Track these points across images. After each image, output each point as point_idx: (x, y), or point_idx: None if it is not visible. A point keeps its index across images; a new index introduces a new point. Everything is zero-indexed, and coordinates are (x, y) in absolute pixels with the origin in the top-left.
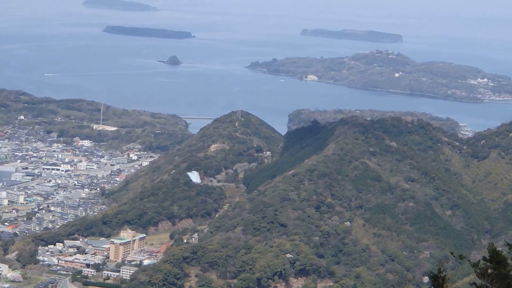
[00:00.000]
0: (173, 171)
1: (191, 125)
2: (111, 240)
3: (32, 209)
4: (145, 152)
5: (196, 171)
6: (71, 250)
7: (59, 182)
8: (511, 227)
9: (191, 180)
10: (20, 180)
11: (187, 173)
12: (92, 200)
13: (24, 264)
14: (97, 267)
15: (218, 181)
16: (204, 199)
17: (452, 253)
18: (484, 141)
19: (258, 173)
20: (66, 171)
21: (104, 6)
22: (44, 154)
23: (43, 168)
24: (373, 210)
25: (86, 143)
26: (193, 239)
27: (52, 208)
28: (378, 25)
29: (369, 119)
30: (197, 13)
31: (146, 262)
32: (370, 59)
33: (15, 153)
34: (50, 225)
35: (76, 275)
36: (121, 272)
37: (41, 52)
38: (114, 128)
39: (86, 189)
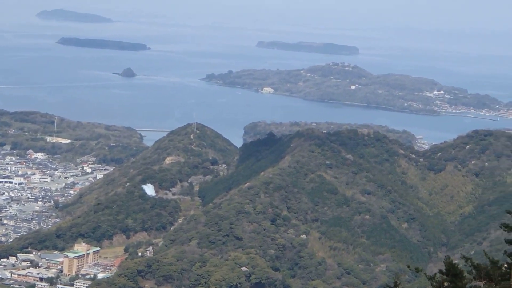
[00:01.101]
0: (128, 184)
1: (146, 138)
2: (65, 253)
3: None
4: (100, 165)
5: (151, 184)
6: (24, 263)
7: (12, 195)
8: (468, 240)
9: (146, 193)
10: None
11: (142, 186)
12: (46, 213)
13: None
14: (51, 281)
15: (173, 194)
16: (159, 212)
17: (408, 266)
18: (440, 153)
19: (213, 186)
20: (20, 184)
21: (58, 17)
22: None
23: None
24: (329, 223)
25: (40, 155)
26: (148, 252)
27: (5, 221)
28: (335, 37)
29: (325, 131)
30: (152, 25)
31: (100, 275)
32: (326, 71)
33: None
34: (3, 239)
35: None
36: (75, 286)
37: None
38: (68, 141)
39: (40, 202)
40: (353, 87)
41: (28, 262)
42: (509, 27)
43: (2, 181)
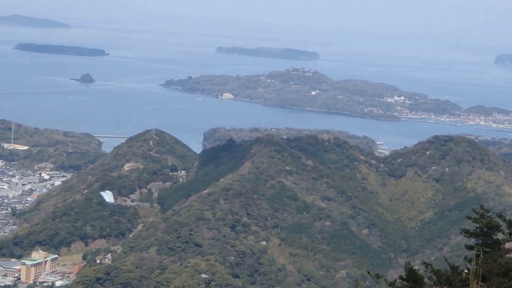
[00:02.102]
0: (86, 190)
1: (105, 144)
2: (22, 261)
3: None
4: (58, 172)
5: (110, 190)
6: None
7: None
8: (428, 245)
9: (104, 200)
10: None
11: (101, 192)
12: (3, 221)
13: None
14: None
15: (132, 201)
16: (117, 219)
17: (368, 272)
18: (401, 159)
19: (172, 193)
20: None
21: (15, 23)
22: None
23: None
24: (289, 229)
25: None
26: (107, 259)
27: None
28: (294, 42)
29: (285, 137)
30: (111, 30)
31: (58, 283)
32: (286, 77)
33: None
34: None
35: None
36: None
37: None
38: (26, 147)
39: None
40: (313, 92)
41: None
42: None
43: None
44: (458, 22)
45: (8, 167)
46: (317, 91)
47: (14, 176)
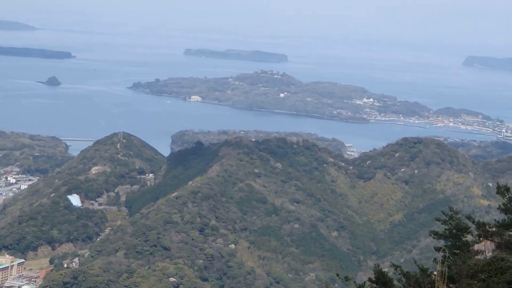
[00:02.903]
0: (53, 194)
1: (72, 147)
2: None
3: None
4: (24, 175)
5: (77, 194)
6: None
7: None
8: (397, 248)
9: (71, 204)
10: None
11: (68, 196)
12: None
13: None
14: None
15: (100, 204)
16: (85, 222)
17: (337, 275)
18: (370, 161)
19: (140, 196)
20: None
21: None
22: None
23: None
24: (258, 232)
25: None
26: (74, 263)
27: None
28: (263, 45)
29: (254, 140)
30: (78, 33)
31: (25, 287)
32: (255, 79)
33: None
34: None
35: None
36: None
37: None
38: None
39: None
40: (282, 95)
41: None
42: (435, 36)
43: None
44: (427, 24)
45: None
46: (285, 93)
47: None
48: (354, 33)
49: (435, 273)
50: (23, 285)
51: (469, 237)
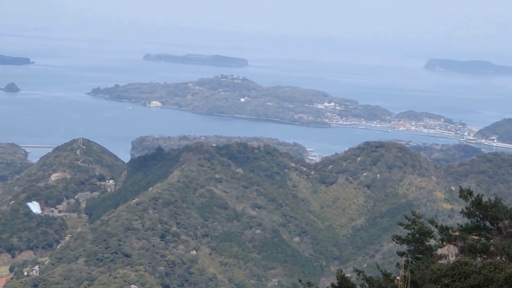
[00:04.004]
0: (12, 201)
1: (31, 154)
2: None
3: None
4: None
5: (36, 201)
6: None
7: None
8: (360, 253)
9: (31, 211)
10: None
11: (27, 203)
12: None
13: None
14: None
15: (60, 211)
16: (45, 230)
17: (300, 281)
18: (331, 166)
19: (101, 202)
20: None
21: None
22: None
23: None
24: (220, 238)
25: None
26: (34, 271)
27: None
28: (223, 49)
29: (214, 145)
30: (36, 39)
31: None
32: (215, 84)
33: None
34: None
35: None
36: None
37: None
38: None
39: None
40: (242, 99)
41: None
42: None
43: None
44: (389, 27)
45: None
46: (246, 98)
47: None
48: (315, 36)
49: (398, 278)
50: None
51: (432, 242)
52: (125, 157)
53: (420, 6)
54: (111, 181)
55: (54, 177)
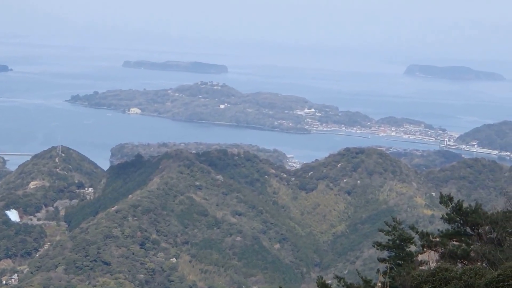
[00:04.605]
0: None
1: (9, 162)
2: None
3: None
4: None
5: (15, 209)
6: None
7: None
8: (340, 259)
9: (9, 219)
10: None
11: (5, 211)
12: None
13: None
14: None
15: (38, 219)
16: (23, 238)
17: (281, 287)
18: (312, 172)
19: (80, 210)
20: None
21: None
22: None
23: None
24: (200, 245)
25: None
26: (13, 280)
27: None
28: (202, 56)
29: (194, 152)
30: (15, 45)
31: None
32: (194, 91)
33: None
34: None
35: None
36: None
37: None
38: None
39: None
40: (222, 106)
41: None
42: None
43: None
44: (368, 33)
45: None
46: (226, 104)
47: None
48: (295, 42)
49: (378, 284)
50: None
51: (412, 248)
52: (105, 165)
53: (400, 12)
54: (90, 189)
55: (32, 185)
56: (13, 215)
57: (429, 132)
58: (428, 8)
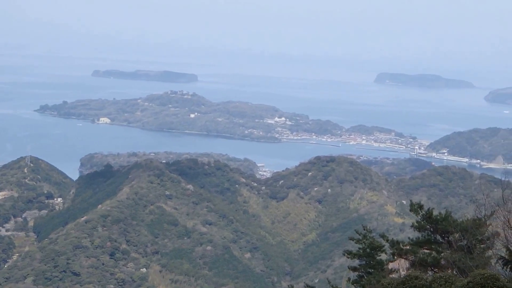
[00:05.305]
0: None
1: None
2: None
3: None
4: None
5: None
6: None
7: None
8: (311, 268)
9: None
10: None
11: None
12: None
13: None
14: None
15: (7, 230)
16: None
17: None
18: (282, 181)
19: (49, 221)
20: None
21: None
22: None
23: None
24: (170, 255)
25: None
26: None
27: None
28: (172, 65)
29: (164, 161)
30: None
31: None
32: (164, 100)
33: None
34: None
35: None
36: None
37: None
38: None
39: None
40: (192, 115)
41: None
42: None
43: None
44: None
45: None
46: (196, 113)
47: None
48: (265, 51)
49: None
50: None
51: (383, 256)
52: (74, 175)
53: (369, 21)
54: (59, 199)
55: (1, 195)
56: None
57: (399, 140)
58: (397, 17)
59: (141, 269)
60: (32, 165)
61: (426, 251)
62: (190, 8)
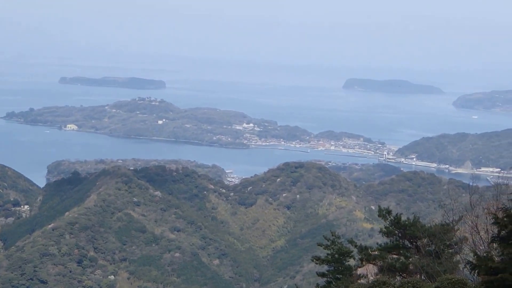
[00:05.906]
0: None
1: None
2: None
3: None
4: None
5: None
6: None
7: None
8: (280, 274)
9: None
10: None
11: None
12: None
13: None
14: None
15: None
16: None
17: None
18: (251, 187)
19: (16, 228)
20: None
21: None
22: None
23: None
24: (138, 262)
25: None
26: None
27: None
28: (140, 71)
29: (132, 168)
30: None
31: None
32: (132, 107)
33: None
34: None
35: None
36: None
37: None
38: None
39: None
40: (160, 122)
41: None
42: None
43: None
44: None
45: None
46: (164, 120)
47: None
48: (233, 57)
49: None
50: None
51: (351, 261)
52: (41, 182)
53: (337, 27)
54: (26, 206)
55: None
56: None
57: (368, 146)
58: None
59: (109, 276)
60: None
61: (394, 256)
62: (158, 15)
